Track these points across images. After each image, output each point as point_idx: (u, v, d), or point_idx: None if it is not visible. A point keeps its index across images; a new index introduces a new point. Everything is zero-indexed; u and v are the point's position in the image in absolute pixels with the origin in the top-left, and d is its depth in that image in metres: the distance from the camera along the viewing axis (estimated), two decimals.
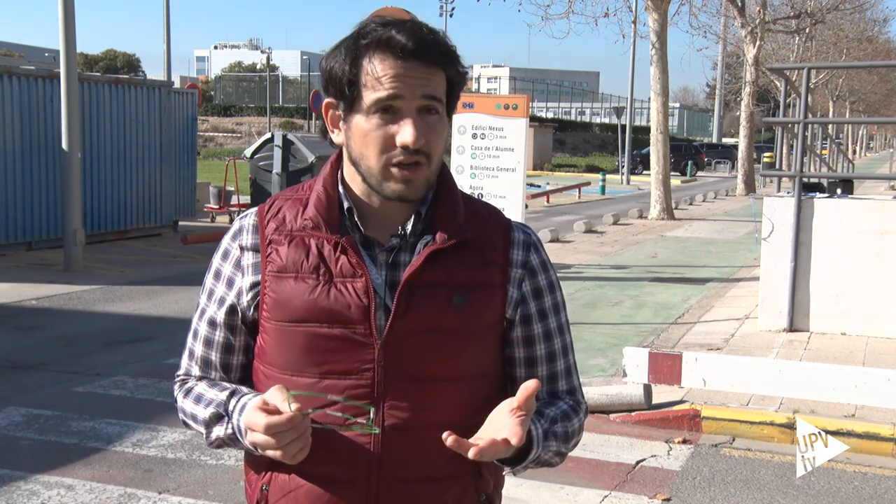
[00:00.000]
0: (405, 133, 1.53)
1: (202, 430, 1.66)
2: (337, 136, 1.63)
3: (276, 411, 1.48)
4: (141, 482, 5.00)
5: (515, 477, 1.67)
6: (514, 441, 1.45)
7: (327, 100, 1.62)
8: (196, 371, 1.73)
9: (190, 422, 1.70)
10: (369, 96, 1.54)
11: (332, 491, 1.61)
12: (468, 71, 1.66)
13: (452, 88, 1.61)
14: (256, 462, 1.69)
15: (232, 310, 1.68)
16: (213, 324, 1.70)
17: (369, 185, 1.60)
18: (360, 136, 1.57)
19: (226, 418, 1.62)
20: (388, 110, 1.54)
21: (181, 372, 1.76)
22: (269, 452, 1.49)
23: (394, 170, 1.55)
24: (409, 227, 1.62)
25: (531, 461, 1.60)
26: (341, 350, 1.57)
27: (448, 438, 1.41)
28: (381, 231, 1.63)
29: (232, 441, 1.63)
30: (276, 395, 1.51)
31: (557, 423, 1.64)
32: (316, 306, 1.57)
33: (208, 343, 1.71)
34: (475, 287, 1.62)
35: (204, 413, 1.65)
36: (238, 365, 1.72)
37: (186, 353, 1.75)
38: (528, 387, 1.47)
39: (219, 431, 1.63)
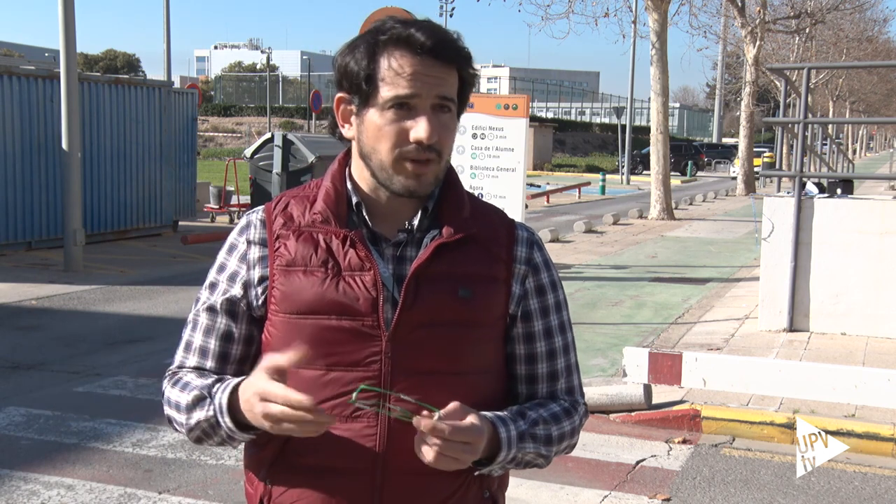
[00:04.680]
0: (420, 129, 1.55)
1: (183, 418, 1.63)
2: (348, 131, 1.65)
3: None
4: (141, 482, 5.00)
5: (492, 476, 1.66)
6: (424, 460, 1.48)
7: (339, 94, 1.64)
8: (191, 361, 1.70)
9: (172, 411, 1.66)
10: (386, 92, 1.56)
11: (337, 483, 1.61)
12: (479, 73, 1.68)
13: (464, 88, 1.63)
14: (258, 458, 1.67)
15: (233, 300, 1.67)
16: (213, 311, 1.68)
17: (378, 180, 1.62)
18: (373, 130, 1.59)
19: (207, 399, 1.59)
20: (404, 106, 1.56)
21: (174, 365, 1.72)
22: (285, 426, 1.45)
23: (406, 164, 1.58)
24: (416, 222, 1.65)
25: (501, 463, 1.60)
26: (349, 342, 1.58)
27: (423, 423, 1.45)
28: (388, 226, 1.65)
29: (212, 428, 1.60)
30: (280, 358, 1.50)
31: (539, 425, 1.64)
32: (324, 299, 1.58)
33: (208, 331, 1.69)
34: (480, 281, 1.64)
35: (187, 398, 1.62)
36: (236, 356, 1.69)
37: (182, 345, 1.72)
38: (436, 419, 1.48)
39: (199, 415, 1.60)
